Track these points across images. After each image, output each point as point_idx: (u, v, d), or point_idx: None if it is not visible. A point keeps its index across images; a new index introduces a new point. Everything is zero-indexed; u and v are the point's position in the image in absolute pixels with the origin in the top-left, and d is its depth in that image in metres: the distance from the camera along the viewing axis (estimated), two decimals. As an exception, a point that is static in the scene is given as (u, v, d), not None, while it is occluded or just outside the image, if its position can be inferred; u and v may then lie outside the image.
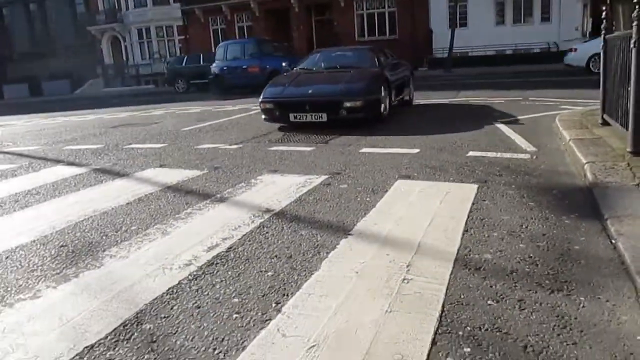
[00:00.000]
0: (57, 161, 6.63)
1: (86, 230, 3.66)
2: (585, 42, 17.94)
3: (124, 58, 33.88)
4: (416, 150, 5.75)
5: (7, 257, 3.23)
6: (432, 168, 4.91)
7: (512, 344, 2.02)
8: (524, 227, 3.26)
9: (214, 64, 19.22)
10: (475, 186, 4.20)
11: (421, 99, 11.47)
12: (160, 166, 5.82)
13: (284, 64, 12.74)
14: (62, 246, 3.37)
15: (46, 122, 13.34)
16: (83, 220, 3.91)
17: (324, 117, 7.55)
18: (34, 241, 3.49)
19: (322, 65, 9.59)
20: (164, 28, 32.35)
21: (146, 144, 7.61)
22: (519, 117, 7.90)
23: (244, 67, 18.07)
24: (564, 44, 22.36)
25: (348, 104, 7.53)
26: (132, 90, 28.70)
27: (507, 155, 5.32)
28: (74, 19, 35.56)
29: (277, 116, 8.06)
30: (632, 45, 4.31)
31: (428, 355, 1.96)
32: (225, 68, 18.68)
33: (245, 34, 29.86)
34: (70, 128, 10.97)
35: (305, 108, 7.68)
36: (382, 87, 8.14)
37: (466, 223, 3.36)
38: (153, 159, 6.33)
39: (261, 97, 8.29)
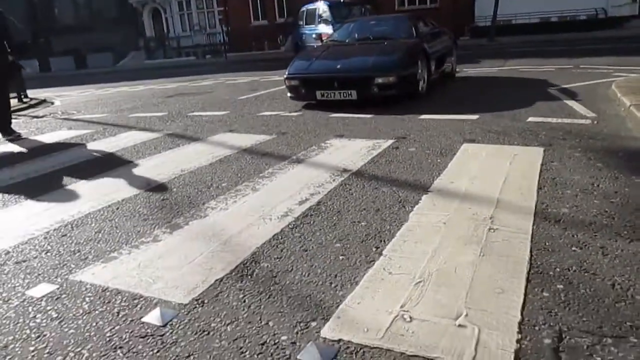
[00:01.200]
0: (129, 127, 7.02)
1: (180, 186, 4.00)
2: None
3: (165, 30, 34.31)
4: (476, 117, 5.89)
5: (117, 208, 3.59)
6: (495, 133, 5.07)
7: (601, 282, 2.23)
8: (595, 185, 3.43)
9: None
10: (542, 149, 4.35)
11: (465, 69, 11.38)
12: (230, 131, 6.14)
13: None
14: (163, 199, 3.71)
15: (100, 92, 13.83)
16: (174, 178, 4.26)
17: (354, 94, 6.99)
18: (136, 195, 3.85)
19: (355, 36, 8.91)
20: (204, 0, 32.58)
21: (208, 112, 7.93)
22: (573, 85, 7.90)
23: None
24: (613, 9, 21.70)
25: (380, 80, 6.93)
26: (173, 62, 29.17)
27: (568, 120, 5.42)
28: (115, -9, 36.05)
29: (303, 94, 7.52)
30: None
31: (525, 289, 2.19)
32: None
33: (284, 4, 29.85)
34: (127, 98, 11.40)
35: (334, 85, 7.12)
36: (419, 60, 7.45)
37: (539, 182, 3.54)
38: (219, 125, 6.65)
39: (286, 72, 7.78)
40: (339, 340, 1.92)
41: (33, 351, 1.99)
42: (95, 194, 3.98)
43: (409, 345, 1.86)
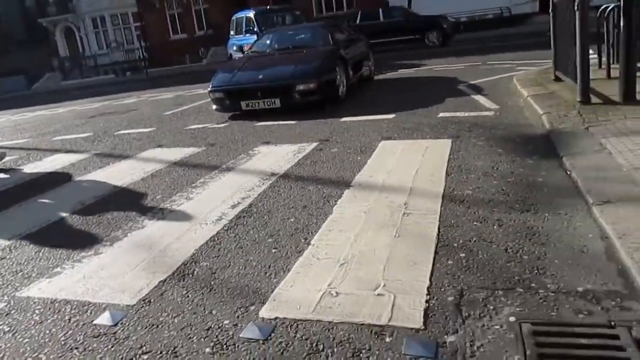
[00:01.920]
0: (54, 150, 6.97)
1: (115, 202, 4.14)
2: None
3: (80, 49, 33.30)
4: (392, 116, 6.33)
5: (54, 229, 3.69)
6: (409, 129, 5.51)
7: (496, 248, 2.63)
8: (495, 168, 3.89)
9: None
10: (450, 141, 4.81)
11: (382, 72, 11.88)
12: (159, 146, 6.26)
13: None
14: (99, 216, 3.84)
15: (17, 117, 13.40)
16: (108, 194, 4.39)
17: (277, 102, 7.26)
18: (72, 214, 3.95)
19: (275, 46, 9.24)
20: (119, 15, 31.91)
21: (134, 129, 7.97)
22: (480, 80, 8.55)
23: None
24: (516, 7, 23.25)
25: (301, 87, 7.24)
26: (92, 82, 28.35)
27: (474, 113, 5.95)
28: (23, 12, 34.68)
29: (228, 105, 7.72)
30: (576, 7, 4.94)
31: (434, 259, 2.55)
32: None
33: (203, 17, 29.82)
34: (47, 121, 11.15)
35: (257, 94, 7.38)
36: (337, 66, 7.77)
37: (447, 170, 3.96)
38: (147, 141, 6.75)
39: (210, 85, 7.99)
40: (276, 318, 2.19)
41: (-9, 361, 2.13)
42: (30, 217, 4.04)
43: (335, 315, 2.16)
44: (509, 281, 2.29)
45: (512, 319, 2.02)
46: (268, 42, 9.66)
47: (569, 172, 3.55)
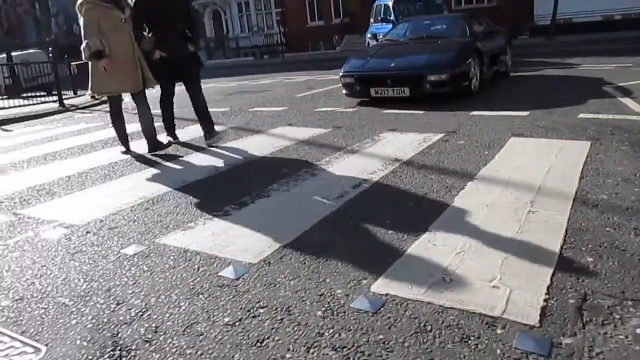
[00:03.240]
0: (195, 121, 7.51)
1: (246, 171, 4.43)
2: None
3: (225, 31, 35.39)
4: (526, 113, 6.03)
5: (192, 189, 4.03)
6: (543, 128, 5.23)
7: (629, 257, 2.44)
8: (637, 175, 3.58)
9: None
10: (589, 143, 4.50)
11: (520, 68, 11.32)
12: (289, 125, 6.54)
13: None
14: (231, 182, 4.12)
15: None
16: (240, 164, 4.72)
17: (407, 91, 7.27)
18: (207, 178, 4.30)
19: (409, 35, 9.22)
20: (262, 1, 33.42)
21: (268, 107, 8.38)
22: (630, 83, 7.84)
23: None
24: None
25: (432, 78, 7.19)
26: (232, 62, 30.10)
27: (619, 116, 5.49)
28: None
29: (357, 91, 7.86)
30: None
31: (557, 260, 2.43)
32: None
33: (340, 5, 30.27)
34: (190, 95, 12.00)
35: (387, 82, 7.42)
36: (472, 59, 7.61)
37: (582, 172, 3.72)
38: (279, 119, 7.07)
39: (342, 70, 8.13)
40: (386, 294, 2.23)
41: (131, 293, 2.42)
42: (171, 177, 4.45)
43: (447, 299, 2.15)
44: (640, 292, 2.13)
45: (639, 331, 1.88)
46: (403, 30, 9.60)
47: None
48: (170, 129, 6.01)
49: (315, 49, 29.92)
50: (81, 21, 4.88)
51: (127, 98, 5.58)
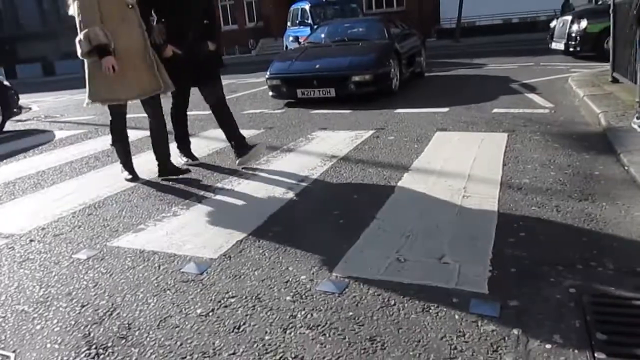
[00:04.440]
0: (120, 127, 7.34)
1: (190, 173, 4.41)
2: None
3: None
4: (446, 109, 6.44)
5: (132, 193, 3.99)
6: (464, 122, 5.62)
7: (555, 230, 2.77)
8: (552, 161, 3.99)
9: None
10: (506, 134, 4.91)
11: (432, 70, 11.90)
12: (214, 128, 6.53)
13: None
14: (172, 185, 4.12)
15: (78, 97, 13.98)
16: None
17: (332, 92, 7.51)
18: (145, 182, 4.25)
19: (331, 38, 9.51)
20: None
21: (195, 111, 8.23)
22: (534, 80, 8.54)
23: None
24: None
25: (356, 78, 7.47)
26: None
27: (529, 110, 6.01)
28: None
29: (284, 92, 8.03)
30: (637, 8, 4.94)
31: (495, 235, 2.70)
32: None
33: (254, 9, 30.30)
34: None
35: (313, 83, 7.63)
36: (392, 60, 8.00)
37: (503, 160, 4.08)
38: (209, 122, 7.01)
39: (267, 72, 8.28)
40: (348, 277, 2.39)
41: (94, 295, 2.41)
42: (112, 181, 4.36)
43: (404, 277, 2.34)
44: (569, 259, 2.42)
45: (572, 290, 2.16)
46: (324, 33, 9.89)
47: (626, 168, 3.62)
48: (184, 147, 4.85)
49: (230, 53, 29.69)
50: (74, 6, 3.83)
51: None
